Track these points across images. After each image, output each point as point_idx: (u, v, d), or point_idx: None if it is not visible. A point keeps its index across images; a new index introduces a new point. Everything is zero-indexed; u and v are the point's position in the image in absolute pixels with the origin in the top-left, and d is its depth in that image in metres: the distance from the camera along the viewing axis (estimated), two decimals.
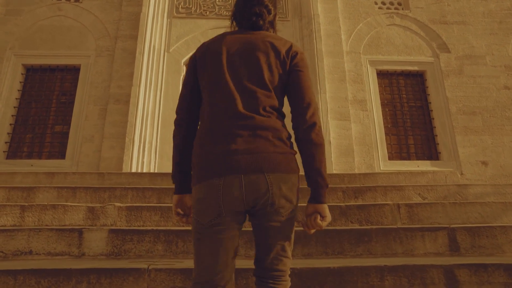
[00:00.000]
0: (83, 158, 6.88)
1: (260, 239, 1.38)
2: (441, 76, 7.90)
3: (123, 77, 7.34)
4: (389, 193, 3.76)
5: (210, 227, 1.29)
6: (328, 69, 7.57)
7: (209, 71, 1.44)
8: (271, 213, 1.30)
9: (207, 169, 1.31)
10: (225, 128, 1.34)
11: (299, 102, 1.43)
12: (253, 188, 1.27)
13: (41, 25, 7.80)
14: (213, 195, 1.27)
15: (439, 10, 8.52)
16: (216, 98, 1.39)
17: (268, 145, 1.32)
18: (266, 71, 1.42)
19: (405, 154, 7.48)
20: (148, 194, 3.61)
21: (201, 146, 1.36)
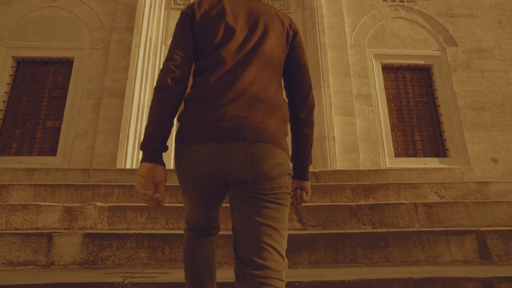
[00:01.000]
0: (75, 155, 6.47)
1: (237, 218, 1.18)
2: (448, 70, 7.47)
3: (118, 70, 6.92)
4: (402, 191, 3.35)
5: (190, 183, 1.21)
6: (332, 62, 7.15)
7: (211, 33, 1.30)
8: (251, 185, 1.14)
9: (189, 133, 1.19)
10: (219, 94, 1.21)
11: (302, 81, 1.37)
12: (232, 158, 1.13)
13: (33, 16, 7.39)
14: (191, 160, 1.17)
15: (446, 3, 8.09)
16: (217, 62, 1.26)
17: (260, 115, 1.19)
18: (271, 40, 1.31)
19: (411, 151, 7.07)
20: (136, 192, 3.19)
21: (189, 108, 1.24)
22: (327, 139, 6.50)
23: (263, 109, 1.21)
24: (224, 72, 1.24)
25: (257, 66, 1.27)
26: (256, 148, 1.14)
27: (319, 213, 2.79)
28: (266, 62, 1.29)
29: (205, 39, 1.31)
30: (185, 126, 1.21)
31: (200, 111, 1.20)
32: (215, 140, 1.15)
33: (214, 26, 1.31)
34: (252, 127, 1.16)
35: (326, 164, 6.38)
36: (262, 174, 1.13)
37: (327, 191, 3.33)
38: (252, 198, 1.14)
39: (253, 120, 1.18)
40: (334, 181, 3.76)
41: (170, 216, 2.71)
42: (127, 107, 6.47)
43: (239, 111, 1.18)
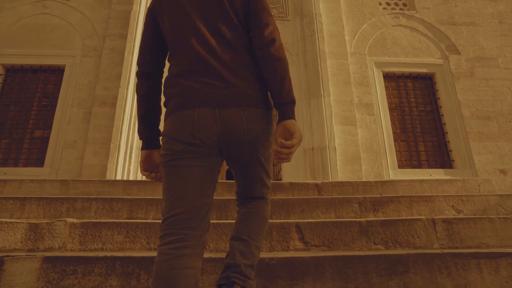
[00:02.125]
0: (63, 166, 6.07)
1: (239, 176, 1.39)
2: (452, 79, 7.17)
3: (110, 78, 6.59)
4: (415, 205, 2.96)
5: (186, 153, 1.20)
6: (331, 71, 6.84)
7: (172, 18, 1.36)
8: (245, 147, 1.25)
9: (180, 101, 1.24)
10: (195, 65, 1.28)
11: (257, 23, 1.37)
12: (228, 123, 1.21)
13: (24, 23, 7.09)
14: (187, 126, 1.20)
15: (447, 11, 7.85)
16: (186, 37, 1.32)
17: (241, 80, 1.28)
18: (228, 6, 1.36)
19: (415, 162, 6.69)
20: (117, 206, 2.80)
21: (173, 86, 1.29)
22: (327, 150, 6.14)
23: (240, 72, 1.28)
24: (195, 46, 1.29)
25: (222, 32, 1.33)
26: (248, 113, 1.23)
27: (324, 231, 2.40)
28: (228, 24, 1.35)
29: (166, 22, 1.37)
30: (173, 99, 1.25)
31: (184, 81, 1.26)
32: (207, 105, 1.21)
33: (172, 11, 1.37)
34: (241, 94, 1.24)
35: (327, 175, 6.00)
36: (256, 136, 1.25)
37: (331, 205, 2.95)
38: (248, 156, 1.28)
39: (239, 86, 1.26)
40: (338, 194, 3.38)
41: (152, 234, 2.31)
42: (119, 116, 6.12)
43: (222, 79, 1.25)
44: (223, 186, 3.35)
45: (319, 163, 6.17)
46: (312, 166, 6.22)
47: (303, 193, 3.36)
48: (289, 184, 3.42)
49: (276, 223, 2.43)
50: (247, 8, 1.40)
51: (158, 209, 2.84)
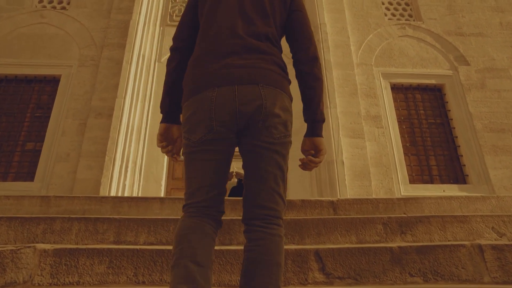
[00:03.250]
0: (55, 180, 5.62)
1: (249, 171, 1.24)
2: (462, 90, 6.81)
3: (107, 88, 6.22)
4: (448, 226, 2.51)
5: (202, 144, 1.21)
6: (338, 82, 6.48)
7: (212, 3, 1.39)
8: (262, 131, 1.20)
9: (199, 83, 1.24)
10: (222, 47, 1.28)
11: (301, 38, 1.39)
12: (246, 98, 1.19)
13: (21, 33, 6.77)
14: (205, 108, 1.19)
15: (454, 22, 7.56)
16: (220, 23, 1.34)
17: (264, 64, 1.27)
18: (269, 5, 1.39)
19: (427, 177, 6.25)
20: (102, 227, 2.35)
21: (194, 67, 1.29)
22: (335, 164, 5.71)
23: (266, 59, 1.27)
24: (224, 30, 1.31)
25: (257, 21, 1.34)
26: (268, 91, 1.21)
27: (349, 259, 1.95)
28: (266, 18, 1.35)
29: (208, 6, 1.39)
30: (193, 79, 1.26)
31: (207, 63, 1.25)
32: (227, 83, 1.19)
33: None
34: (262, 73, 1.23)
35: (335, 191, 5.55)
36: (272, 115, 1.19)
37: (352, 226, 2.50)
38: (263, 147, 1.19)
39: (262, 67, 1.25)
40: (356, 213, 2.94)
41: (140, 264, 1.87)
42: (115, 127, 5.71)
43: (245, 60, 1.24)
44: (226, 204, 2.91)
45: (326, 178, 5.73)
46: (319, 181, 5.78)
47: (317, 212, 2.92)
48: (301, 201, 2.98)
49: (291, 250, 1.98)
50: (290, 17, 1.42)
51: (150, 231, 2.40)
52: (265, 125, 1.19)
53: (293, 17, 1.43)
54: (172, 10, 6.99)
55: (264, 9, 1.38)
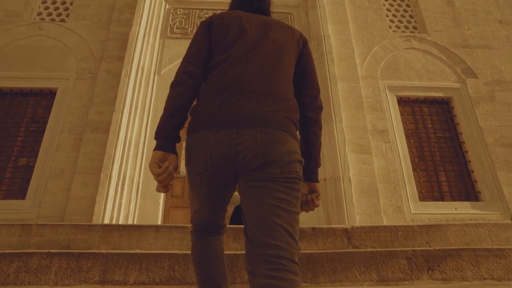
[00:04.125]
0: (48, 198, 5.28)
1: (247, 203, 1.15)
2: (471, 104, 6.51)
3: (105, 102, 5.92)
4: (483, 261, 2.17)
5: (200, 176, 1.20)
6: (343, 95, 6.19)
7: (225, 33, 1.37)
8: (260, 172, 1.12)
9: (201, 121, 1.22)
10: (230, 87, 1.24)
11: (311, 85, 1.42)
12: (243, 145, 1.14)
13: (18, 45, 6.51)
14: (202, 149, 1.18)
15: (460, 34, 7.32)
16: (232, 61, 1.30)
17: (270, 106, 1.22)
18: (281, 43, 1.38)
19: (437, 194, 5.90)
20: (86, 264, 2.01)
21: (203, 101, 1.27)
22: (341, 180, 5.37)
23: (272, 100, 1.23)
24: (235, 67, 1.27)
25: (267, 64, 1.30)
26: (267, 134, 1.14)
27: None
28: (276, 61, 1.32)
29: (219, 38, 1.37)
30: (197, 116, 1.24)
31: (211, 102, 1.22)
32: (226, 126, 1.16)
33: (229, 28, 1.38)
34: (263, 115, 1.17)
35: (342, 210, 5.20)
36: (271, 160, 1.12)
37: (371, 261, 2.16)
38: (262, 181, 1.11)
39: (264, 109, 1.19)
40: (374, 242, 2.60)
41: None
42: (112, 143, 5.39)
43: (249, 102, 1.20)
44: (228, 233, 2.57)
45: (332, 196, 5.39)
46: (325, 199, 5.44)
47: (330, 242, 2.58)
48: (311, 229, 2.64)
49: None
50: (301, 60, 1.42)
51: (141, 268, 2.05)
52: (264, 167, 1.12)
53: (304, 62, 1.43)
54: (172, 22, 6.75)
55: (281, 53, 1.35)
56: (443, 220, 5.43)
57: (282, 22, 1.49)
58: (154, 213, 5.25)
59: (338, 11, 7.04)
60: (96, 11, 6.94)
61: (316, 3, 6.79)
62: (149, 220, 5.24)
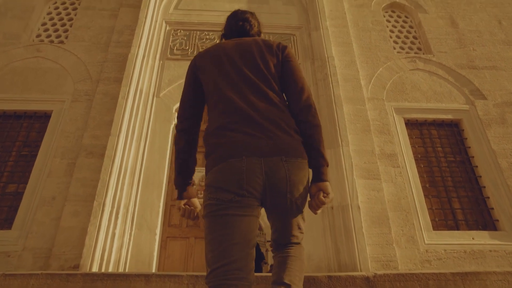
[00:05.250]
0: (36, 228, 4.82)
1: (277, 224, 1.40)
2: (481, 126, 6.14)
3: (101, 125, 5.56)
4: None
5: (233, 203, 1.22)
6: (348, 117, 5.83)
7: (213, 72, 1.46)
8: (288, 201, 1.29)
9: (225, 151, 1.28)
10: (240, 117, 1.32)
11: (293, 88, 1.48)
12: (272, 172, 1.26)
13: (14, 67, 6.22)
14: (235, 174, 1.23)
15: (465, 55, 7.05)
16: (227, 93, 1.39)
17: (283, 133, 1.34)
18: (263, 65, 1.46)
19: (451, 222, 5.44)
20: None
21: (217, 137, 1.33)
22: (350, 209, 4.93)
23: (283, 126, 1.35)
24: (236, 101, 1.37)
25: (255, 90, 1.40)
26: (291, 164, 1.30)
27: None
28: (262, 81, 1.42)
29: (208, 79, 1.47)
30: (219, 149, 1.30)
31: (229, 132, 1.31)
32: (254, 154, 1.26)
33: (212, 67, 1.47)
34: (283, 145, 1.31)
35: (351, 240, 4.74)
36: (296, 185, 1.30)
37: None
38: (289, 209, 1.33)
39: (280, 136, 1.32)
40: None
41: None
42: (106, 168, 4.99)
43: (264, 131, 1.31)
44: None
45: (340, 225, 4.93)
46: (333, 228, 4.98)
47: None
48: (327, 278, 2.21)
49: None
50: (281, 69, 1.50)
51: None
52: (289, 192, 1.28)
53: (284, 69, 1.50)
54: (173, 43, 6.49)
55: (261, 71, 1.44)
56: (461, 251, 4.96)
57: (259, 39, 1.58)
58: (149, 245, 4.79)
59: (342, 32, 6.80)
60: (95, 32, 6.71)
61: (319, 25, 6.55)
62: (144, 252, 4.78)
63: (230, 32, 1.70)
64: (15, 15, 6.82)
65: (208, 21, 6.70)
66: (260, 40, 1.56)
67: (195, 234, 5.09)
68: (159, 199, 5.07)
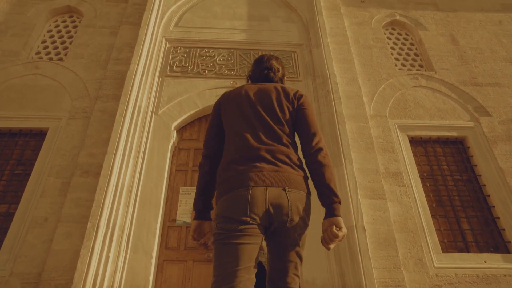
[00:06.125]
0: (26, 251, 4.57)
1: (275, 258, 1.43)
2: (487, 143, 5.97)
3: (97, 143, 5.39)
4: None
5: (237, 231, 1.34)
6: (351, 135, 5.67)
7: (234, 112, 1.66)
8: (289, 230, 1.39)
9: (233, 182, 1.43)
10: (250, 153, 1.50)
11: (306, 132, 1.65)
12: (275, 200, 1.38)
13: (12, 84, 6.10)
14: (241, 202, 1.36)
15: (467, 72, 6.96)
16: (242, 131, 1.58)
17: (288, 167, 1.49)
18: (279, 109, 1.66)
19: (461, 244, 5.19)
20: None
21: (226, 170, 1.50)
22: (355, 230, 4.69)
23: (288, 161, 1.50)
24: (248, 138, 1.54)
25: (273, 129, 1.58)
26: (293, 194, 1.42)
27: None
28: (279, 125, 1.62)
29: (228, 117, 1.67)
30: (227, 181, 1.46)
31: (238, 166, 1.46)
32: (259, 184, 1.39)
33: (234, 107, 1.67)
34: (287, 177, 1.45)
35: (357, 264, 4.49)
36: (296, 214, 1.40)
37: None
38: (287, 239, 1.40)
39: (286, 170, 1.47)
40: None
41: None
42: (102, 188, 4.79)
43: (272, 165, 1.46)
44: None
45: (345, 248, 4.68)
46: (337, 252, 4.73)
47: None
48: None
49: None
50: (296, 115, 1.68)
51: None
52: (291, 224, 1.39)
53: (299, 115, 1.68)
54: (172, 60, 6.40)
55: (276, 115, 1.62)
56: (473, 276, 4.69)
57: (280, 85, 1.77)
58: (145, 269, 4.53)
59: (343, 49, 6.73)
60: (95, 50, 6.64)
61: (320, 42, 6.49)
62: (139, 276, 4.51)
63: (255, 77, 1.90)
64: (15, 33, 6.78)
65: (209, 38, 6.64)
66: (280, 87, 1.75)
67: (193, 257, 4.83)
68: (156, 219, 4.84)
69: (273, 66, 1.90)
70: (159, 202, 4.97)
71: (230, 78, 6.22)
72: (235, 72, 6.29)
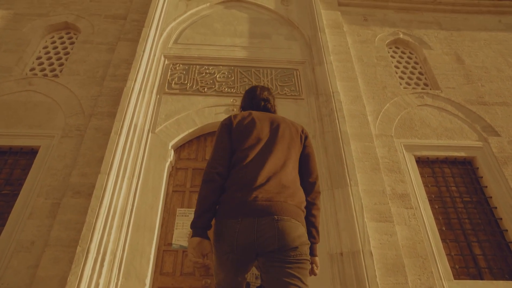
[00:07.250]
0: (9, 278, 4.44)
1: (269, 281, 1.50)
2: (497, 164, 5.97)
3: (91, 162, 5.36)
4: None
5: (227, 254, 1.52)
6: (356, 155, 5.66)
7: (244, 136, 1.78)
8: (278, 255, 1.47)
9: (228, 211, 1.56)
10: (253, 180, 1.60)
11: (311, 174, 1.86)
12: (263, 230, 1.47)
13: (3, 100, 6.11)
14: (230, 234, 1.49)
15: (474, 91, 7.05)
16: (251, 156, 1.69)
17: (284, 197, 1.58)
18: (289, 140, 1.81)
19: (473, 270, 5.08)
20: None
21: (228, 193, 1.63)
22: (362, 255, 4.60)
23: (286, 192, 1.60)
24: (254, 166, 1.66)
25: (279, 161, 1.71)
26: (282, 223, 1.50)
27: None
28: (286, 157, 1.74)
29: (239, 140, 1.78)
30: (225, 205, 1.60)
31: (236, 195, 1.58)
32: (249, 215, 1.50)
33: (246, 131, 1.80)
34: (279, 206, 1.54)
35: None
36: (286, 244, 1.48)
37: None
38: (280, 263, 1.47)
39: (279, 200, 1.56)
40: None
41: None
42: (93, 209, 4.71)
43: (268, 194, 1.57)
44: None
45: (351, 274, 4.58)
46: (343, 277, 4.61)
47: None
48: None
49: None
50: (303, 151, 1.87)
51: None
52: (281, 250, 1.48)
53: (306, 152, 1.87)
54: (171, 77, 6.47)
55: (286, 145, 1.77)
56: None
57: (286, 119, 1.93)
58: None
59: (346, 67, 6.83)
60: (91, 66, 6.72)
61: (323, 59, 6.59)
62: None
63: (252, 107, 2.06)
64: (9, 48, 6.87)
65: (209, 55, 6.74)
66: (289, 121, 1.93)
67: (190, 284, 4.70)
68: (151, 243, 4.74)
69: (270, 99, 2.10)
70: (154, 224, 4.89)
71: (230, 95, 6.27)
72: (236, 89, 6.35)
